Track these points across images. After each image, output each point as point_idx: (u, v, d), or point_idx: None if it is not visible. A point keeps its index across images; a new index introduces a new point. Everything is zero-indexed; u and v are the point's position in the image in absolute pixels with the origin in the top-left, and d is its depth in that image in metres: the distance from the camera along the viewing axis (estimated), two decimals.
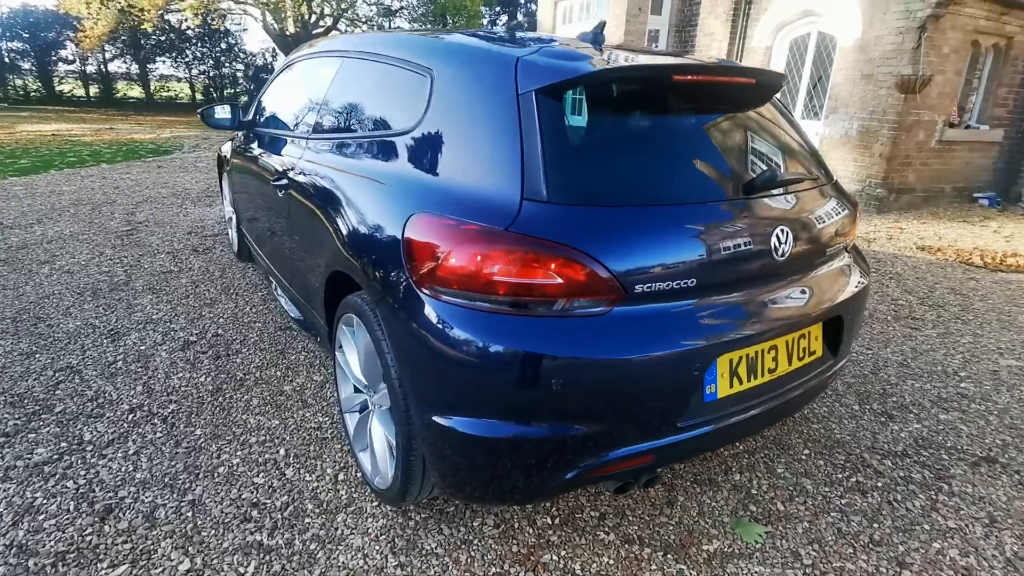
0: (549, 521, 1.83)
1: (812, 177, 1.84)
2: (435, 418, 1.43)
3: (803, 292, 1.67)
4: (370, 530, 1.77)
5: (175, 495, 1.88)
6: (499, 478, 1.44)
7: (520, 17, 29.03)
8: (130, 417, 2.27)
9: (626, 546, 1.74)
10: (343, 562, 1.65)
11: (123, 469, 1.98)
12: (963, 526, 1.87)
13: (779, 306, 1.60)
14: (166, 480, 1.94)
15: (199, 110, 3.27)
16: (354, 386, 2.02)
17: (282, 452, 2.10)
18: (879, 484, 2.05)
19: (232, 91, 24.47)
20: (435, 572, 1.63)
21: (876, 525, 1.86)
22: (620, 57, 1.66)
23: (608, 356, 1.34)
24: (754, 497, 1.97)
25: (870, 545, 1.78)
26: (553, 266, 1.32)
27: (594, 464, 1.43)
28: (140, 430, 2.19)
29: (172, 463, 2.02)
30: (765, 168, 1.67)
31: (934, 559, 1.74)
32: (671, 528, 1.82)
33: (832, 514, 1.90)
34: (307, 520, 1.80)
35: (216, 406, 2.36)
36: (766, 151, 1.75)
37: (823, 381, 1.82)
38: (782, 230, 1.58)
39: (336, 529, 1.77)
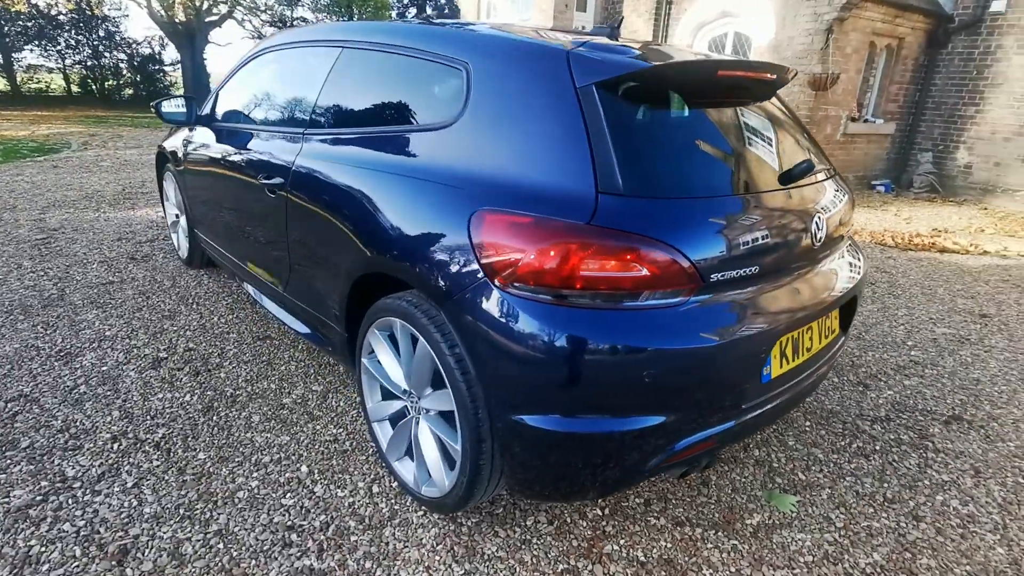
0: (599, 512, 1.84)
1: (830, 167, 1.97)
2: (517, 417, 1.40)
3: (832, 275, 1.79)
4: (424, 541, 1.70)
5: (197, 527, 1.71)
6: (583, 473, 1.43)
7: (429, 10, 28.60)
8: (115, 446, 2.03)
9: (678, 528, 1.79)
10: (394, 574, 1.58)
11: (127, 504, 1.78)
12: (955, 479, 2.09)
13: (817, 288, 1.70)
14: (181, 512, 1.76)
15: (152, 103, 2.97)
16: (384, 394, 1.93)
17: (304, 469, 1.97)
18: (877, 447, 2.24)
19: (115, 82, 22.30)
20: (489, 571, 1.60)
21: (886, 484, 2.03)
22: (654, 53, 1.69)
23: (692, 345, 1.37)
24: (776, 470, 2.09)
25: (886, 503, 1.94)
26: (640, 258, 1.32)
27: (671, 452, 1.46)
28: (132, 460, 1.97)
29: (182, 492, 1.84)
30: (800, 159, 1.76)
31: (941, 510, 1.92)
32: (712, 507, 1.89)
33: (847, 478, 2.06)
34: (354, 538, 1.70)
35: (213, 426, 2.17)
36: (789, 142, 1.85)
37: (836, 357, 1.96)
38: (819, 217, 1.68)
39: (387, 544, 1.69)
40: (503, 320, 1.37)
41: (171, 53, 21.83)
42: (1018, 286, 4.37)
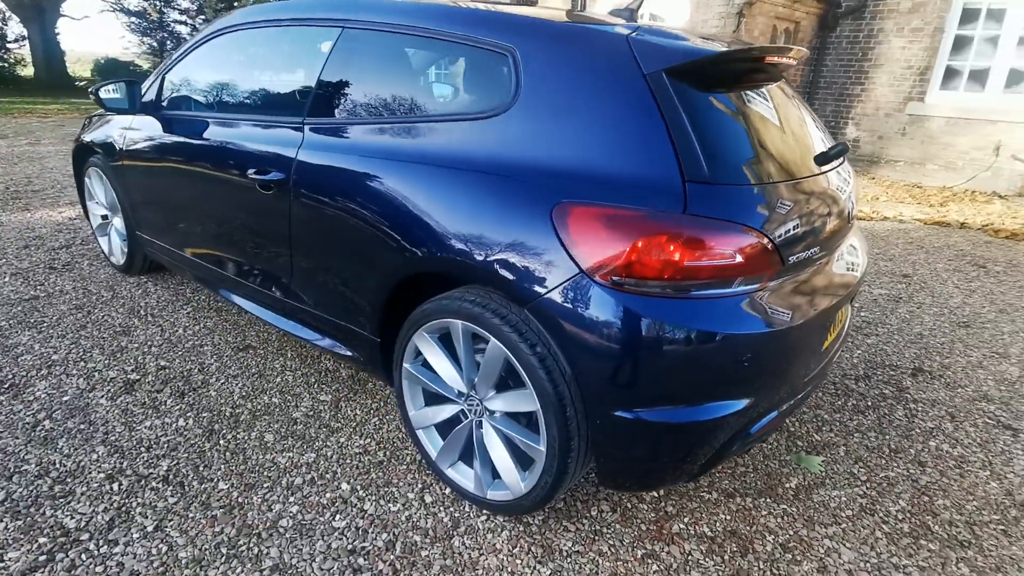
0: (655, 495, 1.88)
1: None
2: (619, 412, 1.38)
3: (856, 248, 1.92)
4: (498, 546, 1.65)
5: (249, 565, 1.55)
6: (679, 460, 1.45)
7: None
8: (115, 487, 1.79)
9: (731, 500, 1.87)
10: None
11: (155, 551, 1.57)
12: (938, 425, 2.34)
13: (851, 262, 1.82)
14: (224, 551, 1.59)
15: (90, 89, 2.57)
16: (428, 399, 1.84)
17: (344, 486, 1.84)
18: (868, 403, 2.46)
19: None
20: (588, 571, 1.59)
21: (887, 436, 2.24)
22: (698, 40, 1.70)
23: (778, 327, 1.42)
24: (794, 434, 2.23)
25: (892, 454, 2.14)
26: (735, 246, 1.34)
27: (752, 431, 1.52)
28: (142, 499, 1.74)
29: (217, 529, 1.66)
30: (823, 138, 1.85)
31: (937, 455, 2.15)
32: (752, 476, 1.99)
33: (855, 435, 2.24)
34: (424, 553, 1.62)
35: (223, 451, 1.96)
36: (811, 122, 1.93)
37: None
38: (851, 195, 1.79)
39: (461, 554, 1.62)
40: (604, 315, 1.34)
41: (15, 28, 19.03)
42: (922, 247, 4.92)
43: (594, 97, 1.49)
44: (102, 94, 2.52)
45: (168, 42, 18.91)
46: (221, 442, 2.01)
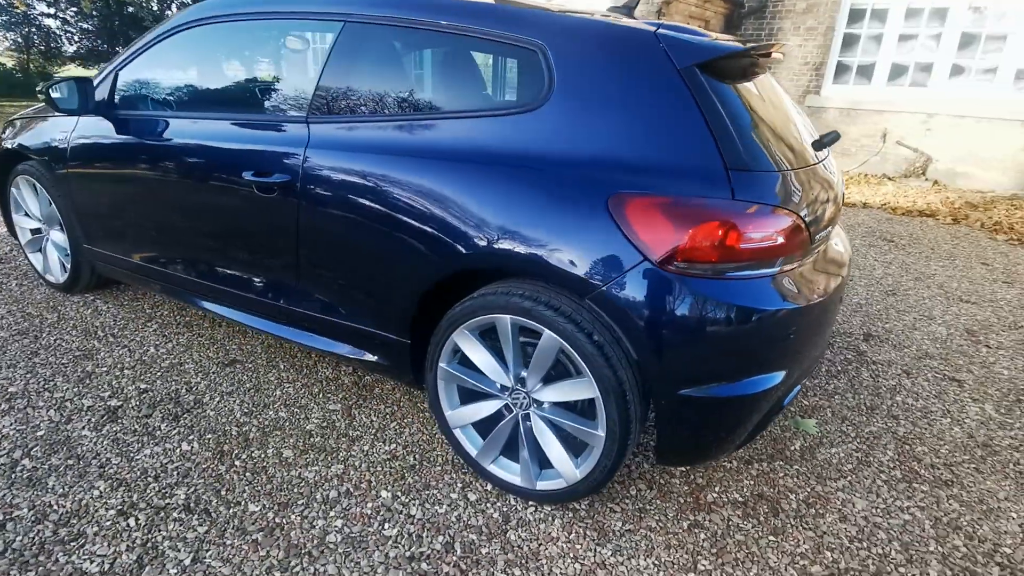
0: (682, 470, 1.98)
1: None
2: (684, 392, 1.46)
3: (840, 232, 2.11)
4: (554, 534, 1.68)
5: None
6: (733, 432, 1.55)
7: None
8: (132, 522, 1.64)
9: (750, 466, 2.01)
10: (562, 572, 1.56)
11: None
12: (898, 382, 2.62)
13: (842, 243, 2.00)
14: (276, 575, 1.51)
15: (40, 87, 2.28)
16: (464, 397, 1.82)
17: (384, 494, 1.79)
18: (838, 368, 2.71)
19: None
20: (645, 546, 1.66)
21: (860, 396, 2.48)
22: (710, 34, 1.80)
23: (812, 302, 1.54)
24: None
25: (869, 411, 2.38)
26: (779, 228, 1.45)
27: (785, 402, 1.65)
28: (168, 532, 1.61)
29: (262, 553, 1.57)
30: (827, 129, 2.02)
31: (905, 407, 2.41)
32: (762, 443, 2.14)
33: (835, 397, 2.46)
34: (485, 551, 1.62)
35: (242, 471, 1.85)
36: (798, 112, 2.09)
37: None
38: (840, 177, 1.97)
39: (520, 547, 1.64)
40: (670, 300, 1.40)
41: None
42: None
43: (630, 91, 1.54)
44: (55, 93, 2.26)
45: (35, 37, 16.99)
46: (236, 463, 1.89)
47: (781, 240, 1.46)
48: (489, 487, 1.85)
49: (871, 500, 1.87)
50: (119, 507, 1.69)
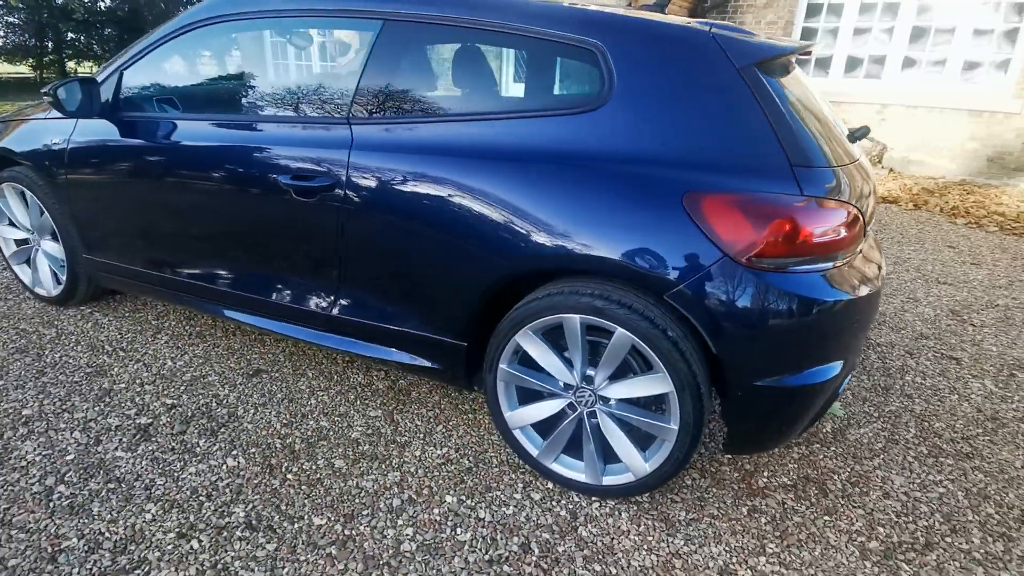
0: (729, 458, 2.04)
1: None
2: (761, 382, 1.51)
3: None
4: (624, 527, 1.71)
5: None
6: (798, 420, 1.61)
7: None
8: (194, 545, 1.57)
9: (791, 450, 2.09)
10: (640, 564, 1.59)
11: None
12: (904, 362, 2.76)
13: (873, 236, 2.09)
14: None
15: (46, 89, 2.12)
16: (524, 398, 1.83)
17: (449, 499, 1.78)
18: None
19: None
20: (712, 534, 1.71)
21: (874, 377, 2.60)
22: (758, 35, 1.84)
23: (868, 292, 1.61)
24: None
25: (885, 391, 2.50)
26: (843, 221, 1.51)
27: (840, 390, 1.72)
28: (235, 552, 1.56)
29: (341, 566, 1.53)
30: (858, 124, 2.10)
31: (916, 386, 2.55)
32: None
33: (853, 378, 2.58)
34: (561, 548, 1.63)
35: (297, 485, 1.80)
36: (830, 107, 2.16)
37: None
38: (871, 172, 2.05)
39: (594, 543, 1.66)
40: (749, 294, 1.44)
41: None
42: None
43: (692, 91, 1.57)
44: (61, 95, 2.11)
45: None
46: (289, 476, 1.84)
47: (844, 233, 1.52)
48: (550, 485, 1.86)
49: (907, 476, 1.98)
50: (177, 530, 1.62)
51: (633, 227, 1.52)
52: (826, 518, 1.78)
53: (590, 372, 1.70)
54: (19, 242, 2.80)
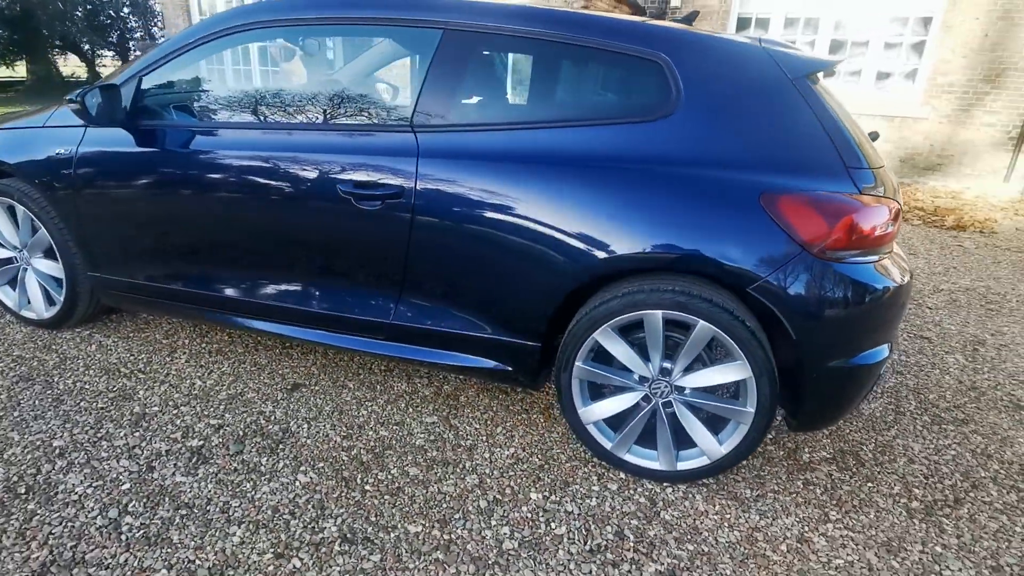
0: (771, 437, 2.20)
1: None
2: (834, 363, 1.66)
3: None
4: (702, 508, 1.82)
5: None
6: (855, 397, 1.78)
7: None
8: (295, 564, 1.53)
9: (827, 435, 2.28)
10: (727, 540, 1.70)
11: None
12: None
13: None
14: None
15: (73, 95, 1.95)
16: (595, 394, 1.90)
17: (534, 496, 1.82)
18: None
19: None
20: (780, 507, 1.85)
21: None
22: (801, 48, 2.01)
23: (909, 279, 1.81)
24: None
25: (895, 368, 2.77)
26: (892, 216, 1.69)
27: (883, 371, 1.91)
28: (341, 567, 1.53)
29: (453, 570, 1.54)
30: (871, 129, 2.31)
31: (903, 363, 2.84)
32: None
33: None
34: (651, 532, 1.72)
35: (379, 496, 1.78)
36: None
37: None
38: None
39: (679, 524, 1.76)
40: (825, 284, 1.59)
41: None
42: None
43: (753, 100, 1.72)
44: (89, 100, 1.96)
45: None
46: (367, 488, 1.81)
47: (891, 227, 1.71)
48: (622, 475, 1.94)
49: (922, 443, 2.22)
50: (272, 550, 1.57)
51: (715, 227, 1.64)
52: (869, 484, 1.97)
53: (665, 364, 1.80)
54: (14, 259, 2.56)
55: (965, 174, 7.30)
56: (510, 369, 1.96)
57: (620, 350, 1.81)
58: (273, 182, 1.97)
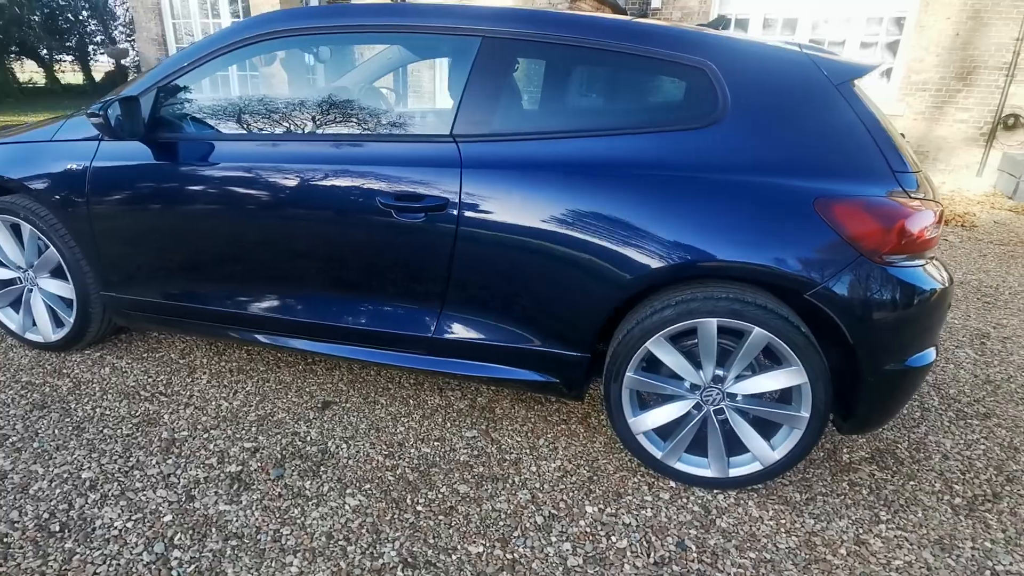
0: None
1: None
2: (891, 366, 1.68)
3: None
4: (755, 514, 1.82)
5: None
6: (905, 399, 1.80)
7: None
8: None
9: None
10: (787, 546, 1.70)
11: None
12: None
13: None
14: None
15: (94, 109, 1.85)
16: (644, 404, 1.88)
17: (589, 510, 1.79)
18: None
19: None
20: (831, 510, 1.86)
21: None
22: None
23: (950, 282, 1.84)
24: None
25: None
26: (936, 220, 1.71)
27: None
28: None
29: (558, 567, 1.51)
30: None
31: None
32: None
33: None
34: (711, 542, 1.71)
35: (433, 516, 1.73)
36: None
37: None
38: None
39: (737, 532, 1.75)
40: (882, 287, 1.61)
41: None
42: None
43: (799, 107, 1.72)
44: (112, 112, 1.86)
45: None
46: (419, 508, 1.77)
47: (937, 231, 1.73)
48: (672, 484, 1.93)
49: (952, 439, 2.26)
50: (332, 575, 1.52)
51: (772, 234, 1.64)
52: (912, 483, 2.00)
53: (718, 372, 1.79)
54: (2, 283, 2.43)
55: (940, 169, 7.52)
56: (557, 381, 1.93)
57: (672, 359, 1.79)
58: (307, 196, 1.91)
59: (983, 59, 7.11)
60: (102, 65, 22.78)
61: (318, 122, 2.01)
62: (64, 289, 2.33)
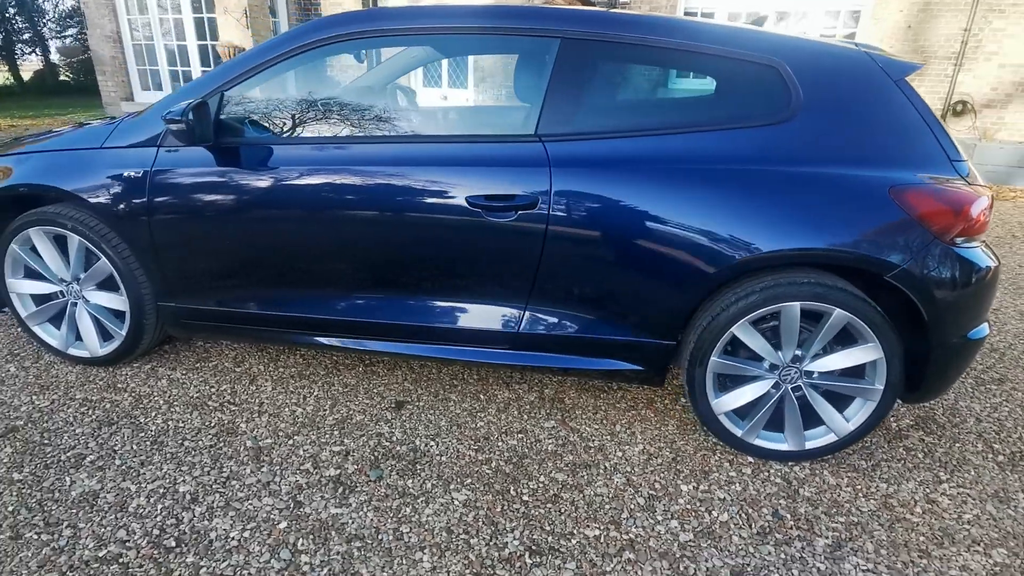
0: None
1: None
2: (960, 337, 1.83)
3: None
4: (832, 482, 1.95)
5: None
6: (964, 369, 1.96)
7: None
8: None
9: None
10: (869, 509, 1.84)
11: None
12: None
13: None
14: None
15: (169, 114, 1.78)
16: (724, 386, 1.99)
17: (684, 488, 1.89)
18: None
19: None
20: (896, 473, 2.01)
21: None
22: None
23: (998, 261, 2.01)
24: None
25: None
26: (990, 204, 1.87)
27: None
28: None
29: (648, 568, 1.59)
30: None
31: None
32: None
33: None
34: (802, 510, 1.83)
35: (539, 506, 1.79)
36: None
37: None
38: None
39: (819, 498, 1.88)
40: (955, 266, 1.76)
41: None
42: None
43: (864, 102, 1.85)
44: (190, 116, 1.80)
45: None
46: (526, 498, 1.82)
47: (990, 214, 1.90)
48: (750, 459, 2.05)
49: (980, 403, 2.47)
50: (469, 572, 1.55)
51: (852, 221, 1.76)
52: (957, 445, 2.19)
53: (796, 352, 1.91)
54: (42, 298, 2.32)
55: None
56: (643, 368, 2.01)
57: (756, 342, 1.90)
58: (386, 198, 1.92)
59: (933, 50, 7.57)
60: (30, 64, 21.40)
61: (393, 124, 2.01)
62: (115, 301, 2.25)
